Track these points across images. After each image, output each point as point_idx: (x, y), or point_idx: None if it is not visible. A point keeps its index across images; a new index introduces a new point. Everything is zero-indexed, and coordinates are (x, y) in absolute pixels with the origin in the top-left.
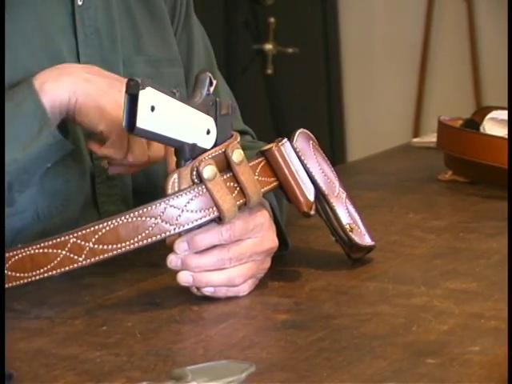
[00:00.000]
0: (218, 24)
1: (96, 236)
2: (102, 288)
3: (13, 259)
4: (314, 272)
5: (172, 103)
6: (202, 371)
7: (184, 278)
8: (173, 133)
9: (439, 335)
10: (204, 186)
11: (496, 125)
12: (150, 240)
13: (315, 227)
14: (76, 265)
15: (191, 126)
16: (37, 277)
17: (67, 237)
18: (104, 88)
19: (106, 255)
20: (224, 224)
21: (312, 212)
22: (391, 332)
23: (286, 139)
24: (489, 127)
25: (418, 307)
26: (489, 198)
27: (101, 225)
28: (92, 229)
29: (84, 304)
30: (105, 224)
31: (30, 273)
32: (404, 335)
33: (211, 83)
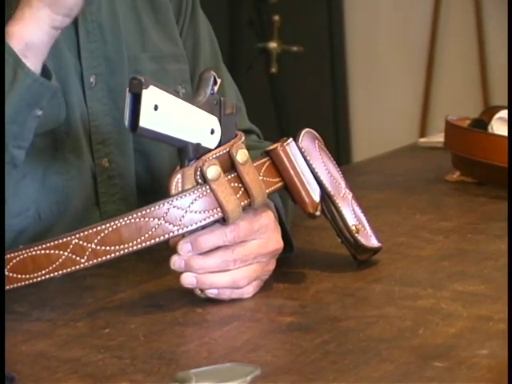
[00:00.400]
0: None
1: (98, 237)
2: (105, 290)
3: (14, 260)
4: (320, 274)
5: (176, 102)
6: (207, 374)
7: (187, 280)
8: (176, 132)
9: (447, 338)
10: (208, 187)
11: (504, 124)
12: (153, 241)
13: (321, 228)
14: (78, 266)
15: (195, 126)
16: (38, 278)
17: (69, 238)
18: None
19: (109, 256)
20: (228, 225)
21: (317, 213)
22: (398, 335)
23: (292, 139)
24: (497, 127)
25: (425, 310)
26: (497, 199)
27: (103, 226)
28: (94, 230)
29: (86, 306)
30: (107, 225)
31: (32, 274)
32: (411, 338)
33: (215, 82)
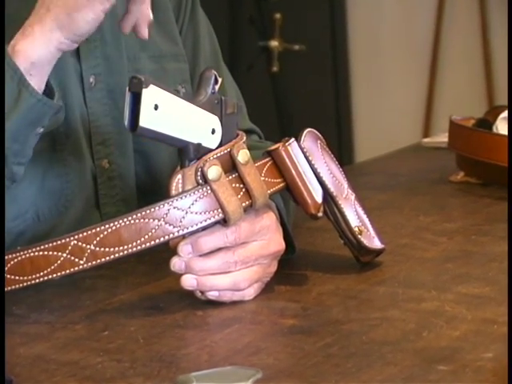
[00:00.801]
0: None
1: (97, 238)
2: (104, 292)
3: (12, 262)
4: (322, 276)
5: (176, 102)
6: (207, 377)
7: (188, 282)
8: (177, 132)
9: (451, 341)
10: (209, 187)
11: None
12: (153, 242)
13: (323, 229)
14: (77, 268)
15: (196, 126)
16: (36, 280)
17: (68, 239)
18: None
19: (108, 258)
20: (229, 226)
21: (320, 214)
22: (401, 338)
23: (293, 139)
24: (502, 127)
25: (429, 312)
26: (501, 200)
27: (102, 227)
28: (93, 231)
29: (85, 308)
30: (106, 226)
31: (30, 276)
32: (415, 341)
33: (216, 81)
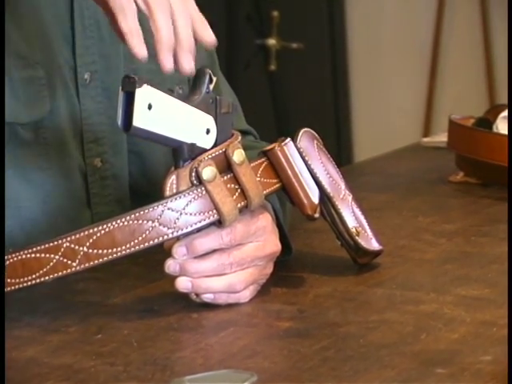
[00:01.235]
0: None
1: (90, 240)
2: (97, 294)
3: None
4: (319, 278)
5: (170, 101)
6: (202, 381)
7: (182, 284)
8: (171, 132)
9: (449, 344)
10: (203, 188)
11: None
12: (147, 244)
13: (320, 231)
14: (69, 270)
15: (190, 125)
16: (28, 283)
17: (60, 241)
18: None
19: (101, 260)
20: (224, 227)
21: (316, 215)
22: (399, 340)
23: (289, 139)
24: (502, 126)
25: (428, 315)
26: (502, 201)
27: (95, 228)
28: (86, 232)
29: (78, 311)
30: (100, 227)
31: (22, 278)
32: (413, 344)
33: (211, 80)
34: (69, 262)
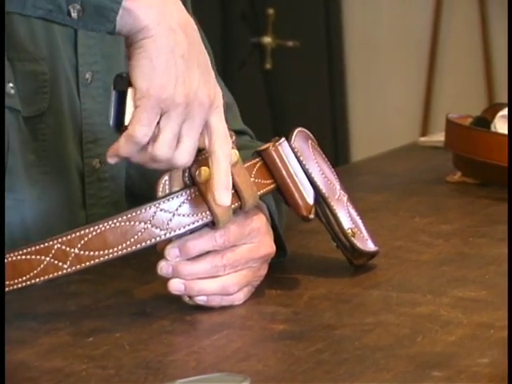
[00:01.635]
0: (214, 16)
1: (82, 241)
2: (89, 297)
3: None
4: (314, 279)
5: None
6: None
7: (175, 286)
8: None
9: (446, 346)
10: (196, 189)
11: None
12: (140, 246)
13: (315, 232)
14: (61, 272)
15: None
16: (19, 285)
17: (51, 242)
18: None
19: (93, 262)
20: (218, 229)
21: (311, 216)
22: (395, 343)
23: (284, 139)
24: (500, 125)
25: (424, 317)
26: (500, 201)
27: (87, 230)
28: (77, 234)
29: (69, 314)
30: (91, 229)
31: (12, 281)
32: (409, 346)
33: None
34: (60, 264)
